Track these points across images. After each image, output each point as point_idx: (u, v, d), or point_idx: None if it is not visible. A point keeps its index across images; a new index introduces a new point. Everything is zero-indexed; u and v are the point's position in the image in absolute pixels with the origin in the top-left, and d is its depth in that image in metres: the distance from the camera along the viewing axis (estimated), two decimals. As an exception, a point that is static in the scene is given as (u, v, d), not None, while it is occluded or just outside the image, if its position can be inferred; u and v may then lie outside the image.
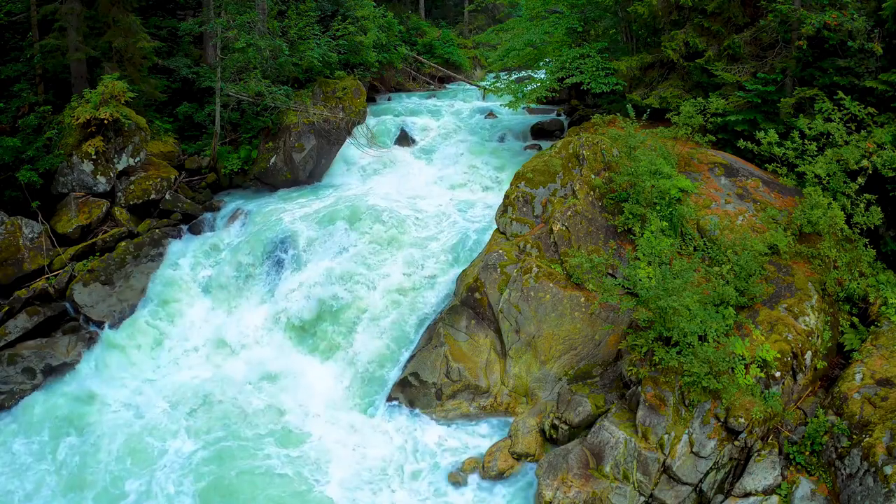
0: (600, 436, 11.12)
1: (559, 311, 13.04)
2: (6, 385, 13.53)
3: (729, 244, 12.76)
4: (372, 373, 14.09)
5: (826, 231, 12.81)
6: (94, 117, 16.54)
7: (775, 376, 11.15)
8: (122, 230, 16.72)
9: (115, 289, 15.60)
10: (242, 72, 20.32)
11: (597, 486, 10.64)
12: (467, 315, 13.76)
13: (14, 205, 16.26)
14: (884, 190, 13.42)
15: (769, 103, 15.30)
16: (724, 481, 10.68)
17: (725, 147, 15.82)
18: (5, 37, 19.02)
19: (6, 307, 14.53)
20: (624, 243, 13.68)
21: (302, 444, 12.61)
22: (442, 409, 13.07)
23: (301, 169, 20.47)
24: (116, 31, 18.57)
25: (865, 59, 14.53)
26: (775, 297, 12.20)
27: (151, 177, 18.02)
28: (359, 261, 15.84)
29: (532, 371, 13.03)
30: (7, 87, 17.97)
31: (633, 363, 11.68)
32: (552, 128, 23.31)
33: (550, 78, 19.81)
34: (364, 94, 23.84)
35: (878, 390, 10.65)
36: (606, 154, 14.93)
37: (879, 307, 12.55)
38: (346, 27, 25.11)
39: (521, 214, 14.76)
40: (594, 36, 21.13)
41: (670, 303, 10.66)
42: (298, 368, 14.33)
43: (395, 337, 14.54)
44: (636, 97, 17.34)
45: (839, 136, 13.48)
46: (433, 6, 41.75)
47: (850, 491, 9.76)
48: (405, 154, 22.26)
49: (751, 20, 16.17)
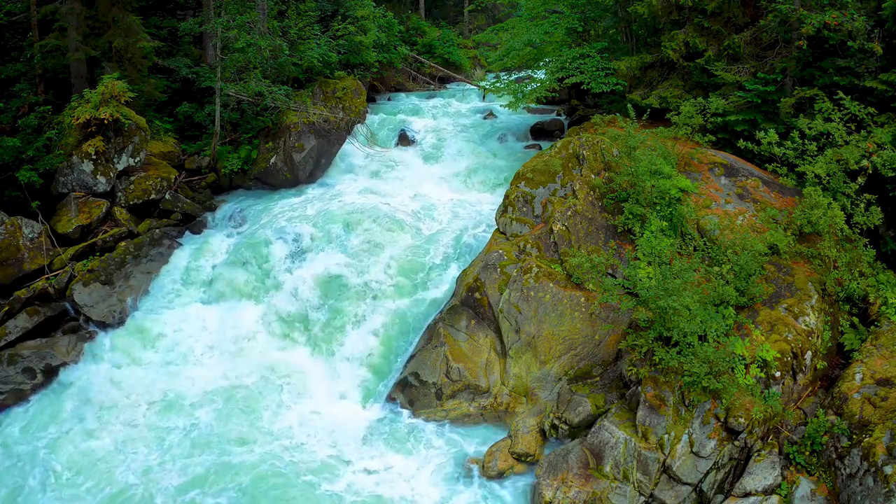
0: (600, 436, 11.12)
1: (559, 311, 13.04)
2: (6, 385, 13.52)
3: (729, 244, 12.75)
4: (371, 372, 14.09)
5: (826, 231, 12.81)
6: (94, 117, 16.54)
7: (775, 376, 11.16)
8: (122, 230, 16.73)
9: (115, 289, 15.60)
10: (242, 72, 20.33)
11: (597, 486, 10.65)
12: (467, 315, 13.76)
13: (14, 205, 16.25)
14: (884, 190, 13.43)
15: (769, 103, 15.31)
16: (724, 481, 10.68)
17: (725, 147, 15.82)
18: (5, 37, 19.01)
19: (6, 307, 14.52)
20: (624, 243, 13.68)
21: (301, 446, 12.62)
22: (442, 409, 13.07)
23: (301, 169, 20.47)
24: (116, 31, 18.57)
25: (865, 59, 14.54)
26: (775, 297, 12.20)
27: (151, 177, 18.02)
28: (357, 260, 15.84)
29: (532, 371, 13.03)
30: (7, 87, 17.97)
31: (633, 363, 11.69)
32: (552, 128, 23.31)
33: (550, 78, 19.80)
34: (364, 94, 23.86)
35: (878, 390, 10.65)
36: (606, 154, 14.93)
37: (879, 307, 12.55)
38: (346, 27, 25.12)
39: (521, 214, 14.76)
40: (594, 36, 21.12)
41: (670, 303, 10.67)
42: (297, 368, 14.32)
43: (395, 336, 14.53)
44: (636, 97, 17.33)
45: (839, 136, 13.49)
46: (433, 6, 41.73)
47: (850, 491, 9.76)
48: (405, 154, 22.25)
49: (751, 20, 16.18)
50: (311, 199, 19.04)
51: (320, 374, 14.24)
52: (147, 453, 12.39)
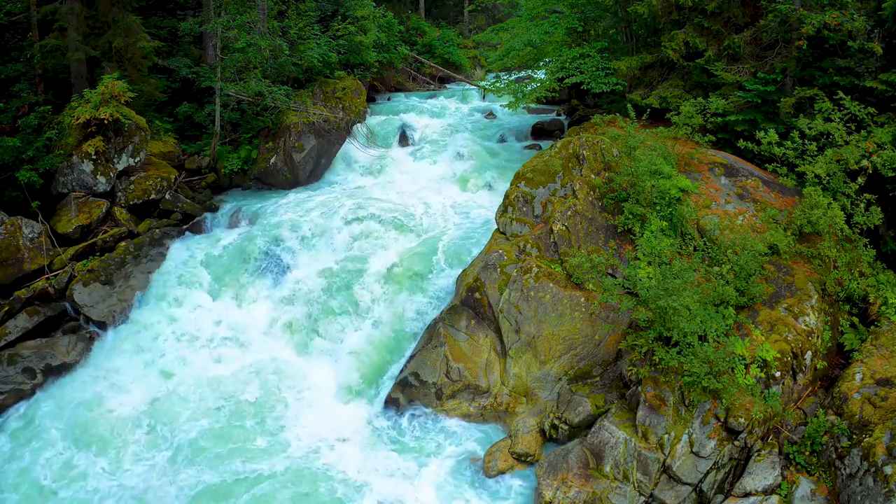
0: (600, 436, 11.12)
1: (559, 311, 13.04)
2: (6, 385, 13.52)
3: (729, 244, 12.75)
4: (371, 372, 14.09)
5: (826, 231, 12.80)
6: (94, 117, 16.54)
7: (775, 376, 11.15)
8: (122, 230, 16.73)
9: (116, 289, 15.60)
10: (242, 72, 20.34)
11: (597, 486, 10.65)
12: (467, 315, 13.76)
13: (14, 205, 16.25)
14: (884, 190, 13.42)
15: (769, 103, 15.30)
16: (724, 481, 10.68)
17: (725, 147, 15.82)
18: (5, 37, 19.02)
19: (6, 307, 14.52)
20: (624, 243, 13.68)
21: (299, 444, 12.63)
22: (442, 408, 13.07)
23: (301, 169, 20.48)
24: (116, 31, 18.57)
25: (865, 59, 14.54)
26: (775, 297, 12.20)
27: (151, 177, 18.03)
28: (357, 260, 15.85)
29: (532, 371, 13.03)
30: (7, 87, 17.97)
31: (633, 363, 11.69)
32: (552, 128, 23.32)
33: (550, 78, 19.80)
34: (364, 93, 23.88)
35: (878, 390, 10.65)
36: (606, 154, 14.93)
37: (879, 307, 12.55)
38: (346, 27, 25.15)
39: (521, 214, 14.77)
40: (594, 36, 21.13)
41: (670, 303, 10.67)
42: (296, 368, 14.33)
43: (395, 336, 14.54)
44: (636, 97, 17.33)
45: (839, 136, 13.48)
46: (433, 6, 41.76)
47: (850, 491, 9.76)
48: (405, 154, 22.27)
49: (751, 20, 16.17)
50: (311, 198, 19.04)
51: (319, 373, 14.24)
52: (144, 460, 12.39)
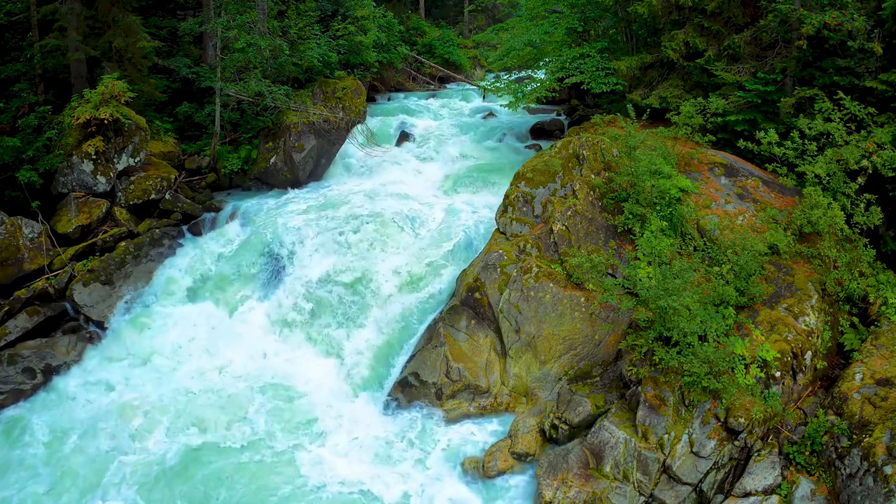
0: (600, 436, 11.12)
1: (559, 311, 13.04)
2: (6, 385, 13.52)
3: (729, 244, 12.75)
4: (370, 372, 14.09)
5: (826, 231, 12.81)
6: (94, 117, 16.54)
7: (775, 376, 11.15)
8: (122, 230, 16.72)
9: (115, 289, 15.60)
10: (242, 72, 20.34)
11: (597, 486, 10.65)
12: (467, 315, 13.76)
13: (14, 205, 16.25)
14: (884, 190, 13.42)
15: (769, 103, 15.31)
16: (724, 481, 10.68)
17: (725, 147, 15.82)
18: (5, 37, 19.01)
19: (6, 307, 14.52)
20: (624, 243, 13.68)
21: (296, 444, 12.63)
22: (442, 408, 13.06)
23: (301, 169, 20.48)
24: (116, 31, 18.57)
25: (865, 59, 14.54)
26: (775, 297, 12.21)
27: (151, 177, 18.02)
28: (357, 260, 15.84)
29: (532, 371, 13.03)
30: (7, 87, 17.97)
31: (633, 363, 11.69)
32: (552, 128, 23.31)
33: (550, 78, 19.80)
34: (364, 93, 23.87)
35: (878, 390, 10.65)
36: (606, 154, 14.93)
37: (879, 307, 12.55)
38: (346, 27, 25.15)
39: (521, 214, 14.77)
40: (594, 36, 21.13)
41: (670, 303, 10.67)
42: (295, 368, 14.32)
43: (395, 336, 14.53)
44: (636, 97, 17.34)
45: (839, 136, 13.49)
46: (433, 6, 41.77)
47: (850, 491, 9.76)
48: (405, 154, 22.25)
49: (751, 20, 16.18)
50: (311, 198, 19.04)
51: (319, 373, 14.23)
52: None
